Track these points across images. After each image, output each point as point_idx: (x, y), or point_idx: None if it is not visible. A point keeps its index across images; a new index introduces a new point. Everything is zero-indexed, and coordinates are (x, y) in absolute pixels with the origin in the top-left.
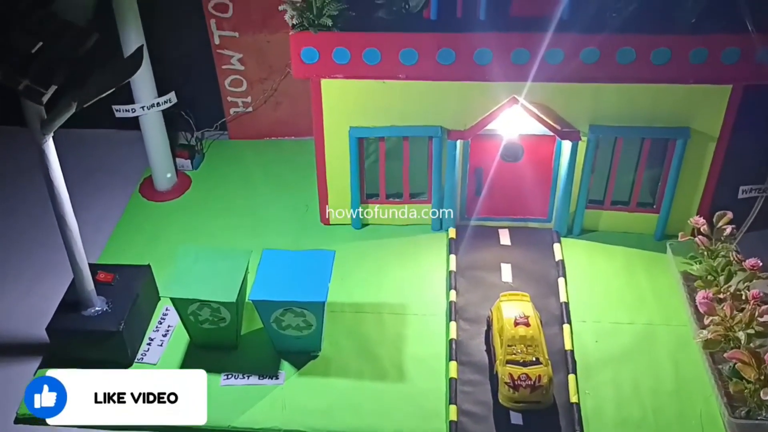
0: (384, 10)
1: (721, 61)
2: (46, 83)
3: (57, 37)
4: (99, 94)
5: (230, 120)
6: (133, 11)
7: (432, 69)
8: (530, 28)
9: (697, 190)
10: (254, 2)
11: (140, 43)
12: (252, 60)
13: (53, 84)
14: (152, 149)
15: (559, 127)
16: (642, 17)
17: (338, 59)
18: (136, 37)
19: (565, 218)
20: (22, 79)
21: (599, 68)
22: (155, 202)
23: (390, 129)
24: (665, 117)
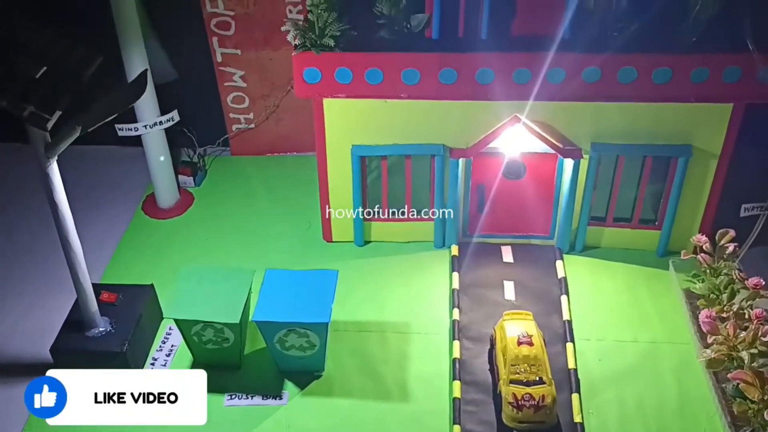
0: (386, 30)
1: (722, 79)
2: (50, 109)
3: (61, 62)
4: (103, 119)
5: (232, 136)
6: (136, 33)
7: (434, 88)
8: (532, 47)
9: (699, 207)
10: (256, 20)
11: (143, 63)
12: (254, 77)
13: (58, 110)
14: (155, 167)
15: (561, 145)
16: (643, 36)
17: (340, 79)
18: (139, 58)
19: (568, 235)
20: (27, 106)
21: (601, 87)
22: (158, 220)
23: (392, 147)
24: (667, 135)
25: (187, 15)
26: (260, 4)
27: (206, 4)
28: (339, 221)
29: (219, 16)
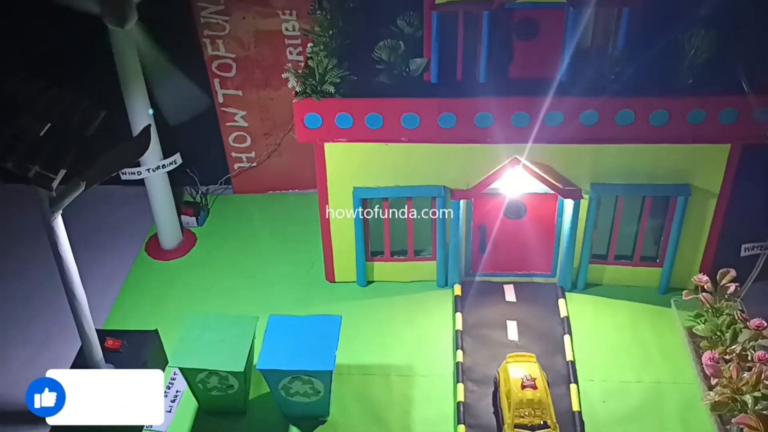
0: (385, 74)
1: (719, 121)
2: (55, 168)
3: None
4: (107, 174)
5: (234, 175)
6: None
7: (434, 132)
8: (530, 90)
9: (699, 245)
10: (257, 62)
11: (146, 107)
12: (255, 116)
13: (62, 168)
14: (158, 208)
15: (560, 185)
16: (640, 79)
17: (341, 124)
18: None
19: (569, 273)
20: (32, 166)
21: (599, 130)
22: (161, 261)
23: (393, 189)
24: (666, 174)
25: (189, 57)
26: (260, 47)
27: (207, 47)
28: (341, 262)
29: (220, 58)
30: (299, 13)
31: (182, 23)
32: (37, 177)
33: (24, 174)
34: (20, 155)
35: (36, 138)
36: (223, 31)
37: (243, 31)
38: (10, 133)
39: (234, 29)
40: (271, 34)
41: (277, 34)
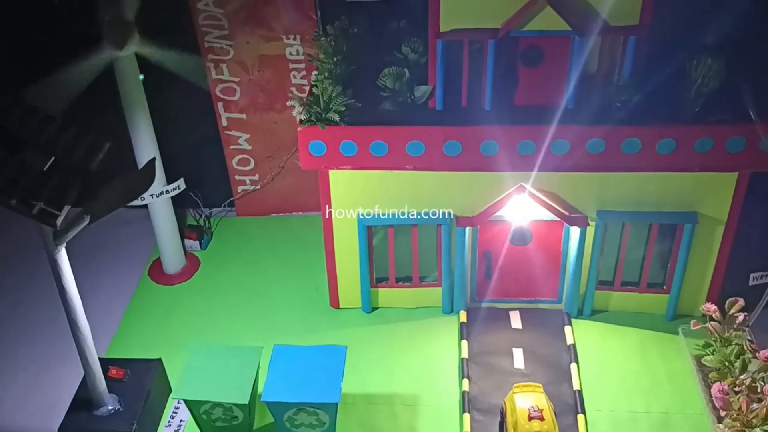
0: (390, 102)
1: (726, 150)
2: (59, 205)
3: (70, 151)
4: (113, 209)
5: (238, 198)
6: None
7: (439, 160)
8: (535, 118)
9: (707, 272)
10: (260, 85)
11: (149, 134)
12: (259, 139)
13: (66, 204)
14: (161, 233)
15: (567, 213)
16: (646, 108)
17: (346, 152)
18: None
19: (576, 300)
20: (36, 203)
21: (606, 158)
22: (164, 286)
23: (398, 216)
24: (673, 202)
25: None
26: (264, 70)
27: (211, 71)
28: (346, 288)
29: (224, 82)
30: (303, 37)
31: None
32: (40, 214)
33: (27, 212)
34: (24, 192)
35: (39, 173)
36: (228, 56)
37: (247, 55)
38: (14, 168)
39: (238, 54)
40: (275, 58)
41: (281, 58)
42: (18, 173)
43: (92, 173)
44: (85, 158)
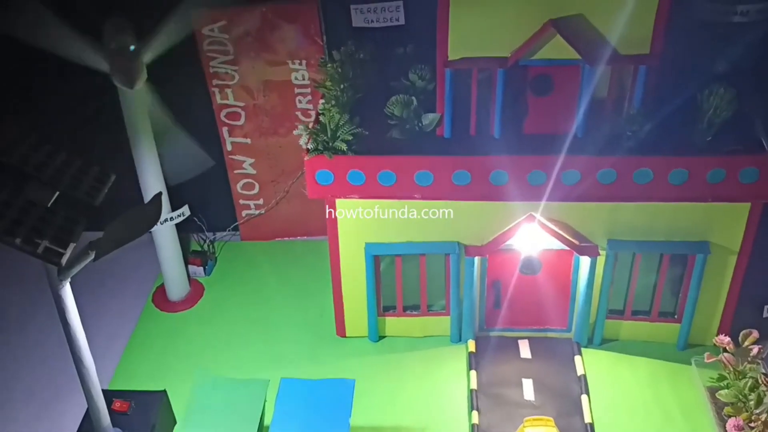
0: (397, 130)
1: (739, 180)
2: (65, 243)
3: (75, 186)
4: (118, 246)
5: (242, 223)
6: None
7: (448, 190)
8: (545, 146)
9: (719, 302)
10: (265, 110)
11: (154, 162)
12: (264, 164)
13: (72, 242)
14: (165, 260)
15: (577, 242)
16: (657, 137)
17: (353, 181)
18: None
19: (586, 329)
20: (40, 241)
21: (616, 188)
22: (168, 313)
23: (406, 245)
24: (684, 232)
25: (198, 107)
26: (269, 95)
27: (216, 96)
28: (352, 317)
29: (229, 107)
30: (309, 62)
31: (191, 73)
32: (45, 253)
33: (32, 251)
34: (28, 231)
35: (44, 210)
36: (233, 81)
37: (252, 80)
38: (19, 206)
39: (243, 79)
40: (280, 83)
41: (286, 83)
42: (23, 213)
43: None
44: (90, 193)
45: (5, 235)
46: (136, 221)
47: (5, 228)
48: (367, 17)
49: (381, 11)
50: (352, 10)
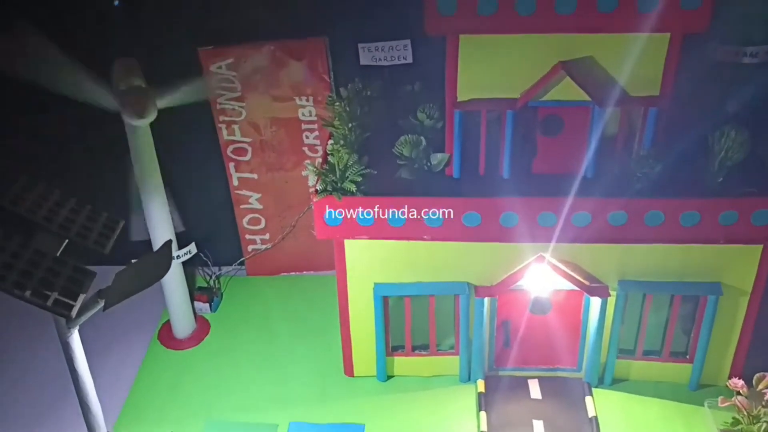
0: (406, 169)
1: (751, 222)
2: (75, 294)
3: (84, 234)
4: (127, 296)
5: (249, 258)
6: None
7: (458, 231)
8: (555, 187)
9: (731, 342)
10: (272, 145)
11: (162, 202)
12: (270, 199)
13: (82, 293)
14: (171, 297)
15: (587, 282)
16: (669, 179)
17: (362, 222)
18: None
19: (596, 369)
20: (50, 293)
21: (627, 230)
22: (174, 351)
23: (415, 286)
24: (696, 272)
25: (204, 142)
26: (276, 131)
27: (223, 132)
28: (360, 356)
29: (236, 143)
30: (316, 98)
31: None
32: (55, 305)
33: (42, 304)
34: (37, 283)
35: (53, 260)
36: (240, 117)
37: (259, 116)
38: (27, 258)
39: (250, 115)
40: (287, 118)
41: (293, 118)
42: (32, 264)
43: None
44: (98, 241)
45: (15, 287)
46: (146, 270)
47: (14, 281)
48: (374, 55)
49: (389, 50)
50: (359, 49)
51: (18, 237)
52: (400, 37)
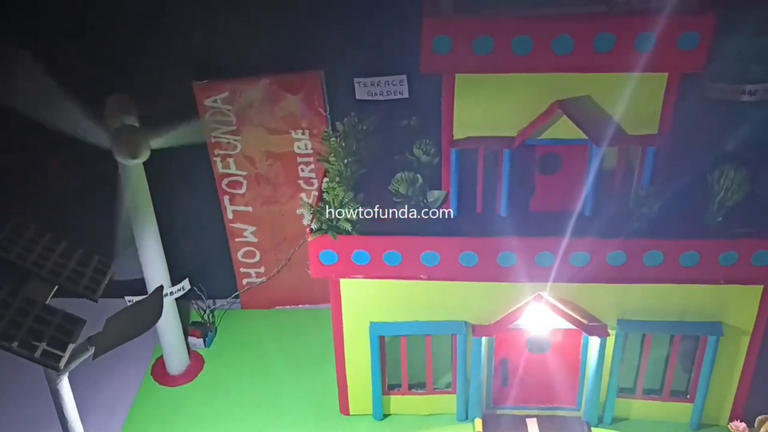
0: (402, 207)
1: (751, 263)
2: (63, 344)
3: (74, 280)
4: (118, 344)
5: (243, 291)
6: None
7: (454, 270)
8: (553, 225)
9: (732, 382)
10: (268, 179)
11: (155, 239)
12: (265, 232)
13: (71, 343)
14: (164, 334)
15: (585, 321)
16: (667, 218)
17: (358, 261)
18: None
19: (595, 408)
20: (38, 344)
21: (626, 270)
22: (168, 387)
23: (412, 325)
24: (696, 312)
25: (199, 175)
26: (271, 164)
27: (217, 165)
28: (356, 394)
29: (231, 176)
30: (311, 132)
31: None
32: (43, 356)
33: (29, 355)
34: (26, 333)
35: (42, 308)
36: (235, 150)
37: (254, 150)
38: (16, 307)
39: (245, 148)
40: (282, 152)
41: (288, 152)
42: (21, 314)
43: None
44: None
45: (2, 339)
46: (137, 318)
47: (2, 331)
48: (370, 90)
49: (384, 84)
50: (355, 83)
51: (7, 285)
52: (396, 72)
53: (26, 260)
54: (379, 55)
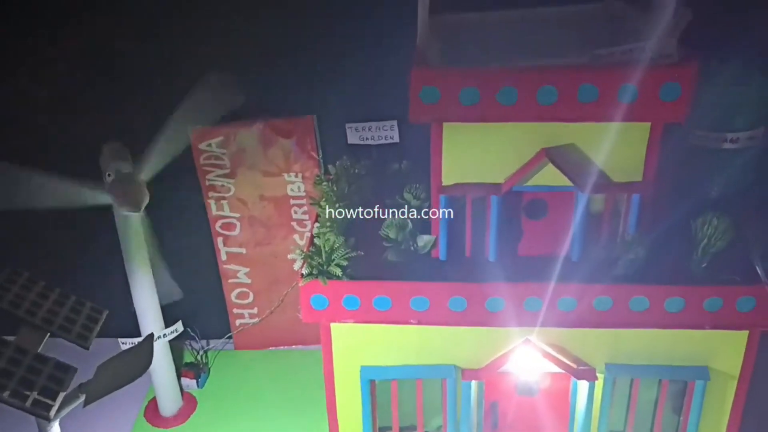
0: (392, 252)
1: (736, 309)
2: (54, 394)
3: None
4: (108, 392)
5: (237, 332)
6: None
7: (444, 315)
8: (540, 269)
9: (721, 426)
10: (261, 221)
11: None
12: (258, 273)
13: (62, 392)
14: (157, 376)
15: (574, 365)
16: (653, 264)
17: (348, 306)
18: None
19: None
20: (29, 393)
21: (613, 315)
22: (160, 429)
23: (403, 369)
24: (683, 357)
25: (193, 217)
26: (265, 207)
27: (212, 208)
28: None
29: (224, 218)
30: (304, 175)
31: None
32: (34, 405)
33: (20, 405)
34: (17, 382)
35: (34, 357)
36: (228, 193)
37: (248, 192)
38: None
39: (239, 191)
40: (275, 195)
41: (282, 195)
42: (13, 363)
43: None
44: (81, 334)
45: None
46: (128, 365)
47: None
48: (362, 135)
49: (376, 129)
50: (347, 128)
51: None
52: (386, 118)
53: (19, 308)
54: (371, 101)
